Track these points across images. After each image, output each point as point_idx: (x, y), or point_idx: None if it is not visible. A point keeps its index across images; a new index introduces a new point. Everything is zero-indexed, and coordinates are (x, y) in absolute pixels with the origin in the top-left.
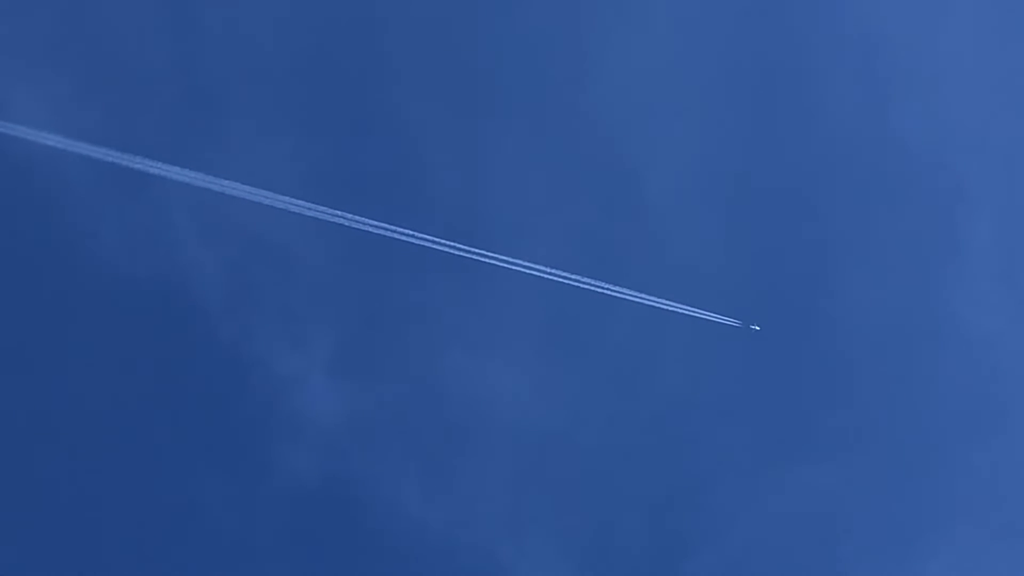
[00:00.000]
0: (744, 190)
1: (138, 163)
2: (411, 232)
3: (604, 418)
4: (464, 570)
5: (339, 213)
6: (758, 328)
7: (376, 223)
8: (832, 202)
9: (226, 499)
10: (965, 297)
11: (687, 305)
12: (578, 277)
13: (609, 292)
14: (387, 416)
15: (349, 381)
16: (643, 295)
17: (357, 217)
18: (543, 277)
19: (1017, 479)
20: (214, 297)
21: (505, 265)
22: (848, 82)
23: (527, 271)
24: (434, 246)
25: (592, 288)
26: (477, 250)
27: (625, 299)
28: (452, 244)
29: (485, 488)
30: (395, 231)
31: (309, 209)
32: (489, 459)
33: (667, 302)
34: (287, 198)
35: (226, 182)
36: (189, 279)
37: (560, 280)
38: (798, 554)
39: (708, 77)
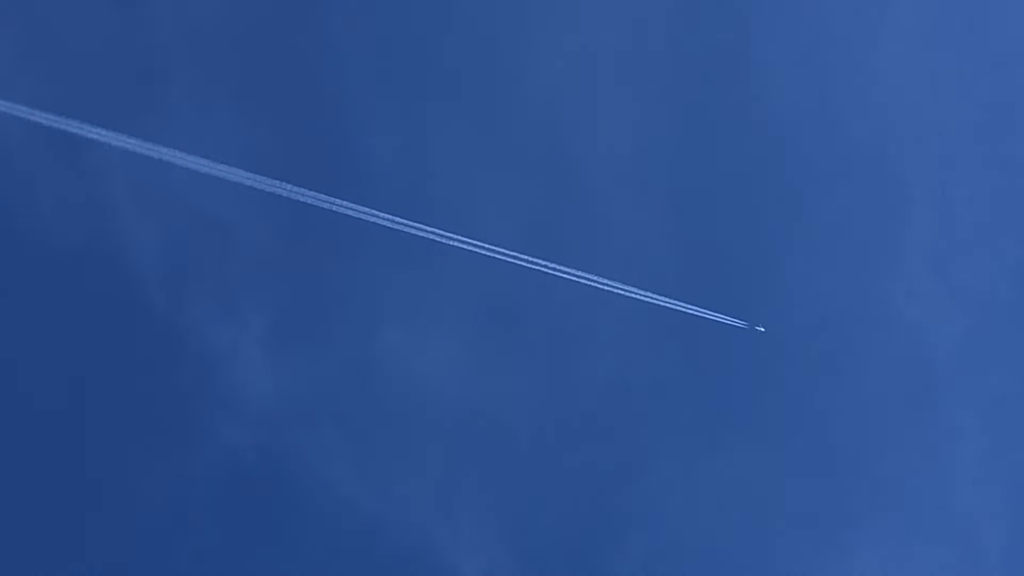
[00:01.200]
0: (685, 177)
1: (75, 128)
2: (351, 205)
3: (540, 398)
4: (395, 547)
5: (279, 184)
6: (763, 329)
7: (316, 195)
8: (772, 191)
9: (156, 470)
10: (901, 288)
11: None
12: (518, 255)
13: (551, 272)
14: (321, 391)
15: (284, 354)
16: (585, 274)
17: (297, 188)
18: (483, 254)
19: (946, 470)
20: (149, 266)
21: (446, 241)
22: (791, 71)
23: (468, 248)
24: (374, 220)
25: (533, 267)
26: (418, 225)
27: (567, 279)
28: (392, 218)
29: (418, 465)
30: (335, 204)
31: (248, 179)
32: (423, 436)
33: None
34: (226, 167)
35: (165, 150)
36: (124, 248)
37: (500, 258)
38: (729, 538)
39: (652, 65)
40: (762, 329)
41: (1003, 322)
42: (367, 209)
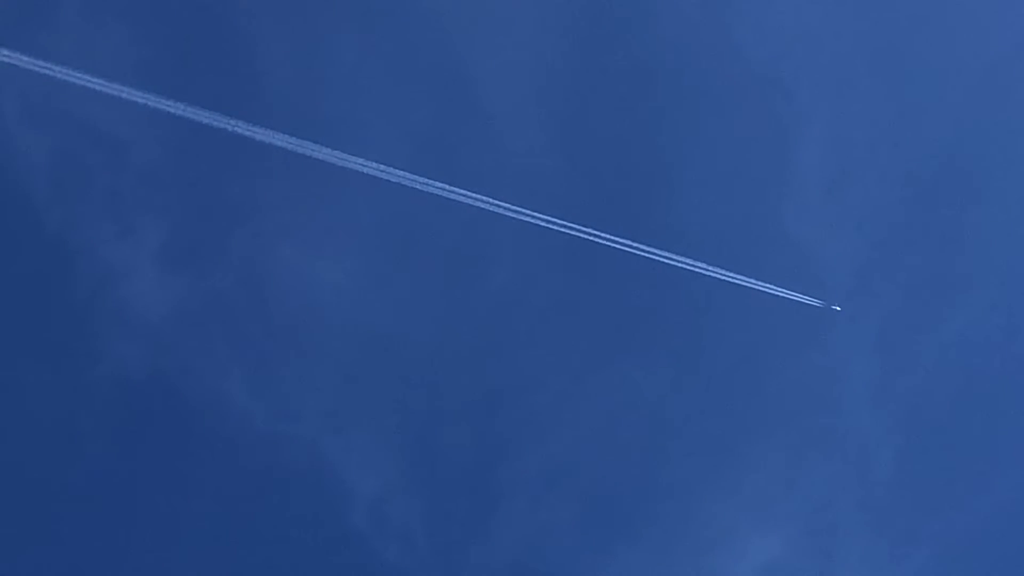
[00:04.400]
0: (580, 98)
1: None
2: (245, 125)
3: (432, 318)
4: (288, 463)
5: (173, 103)
6: (839, 308)
7: (210, 114)
8: (667, 109)
9: (49, 388)
10: (792, 208)
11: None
12: (414, 177)
13: (446, 194)
14: (215, 309)
15: (178, 273)
16: (481, 196)
17: (191, 108)
18: (378, 176)
19: (838, 392)
20: (41, 184)
21: (341, 162)
22: None
23: (362, 169)
24: (268, 140)
25: (429, 189)
26: (313, 145)
27: (463, 202)
28: (287, 138)
29: (311, 384)
30: (229, 124)
31: (142, 98)
32: (316, 355)
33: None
34: (120, 86)
35: (57, 67)
36: (15, 164)
37: (395, 180)
38: (619, 456)
39: None
40: (838, 308)
41: (895, 244)
42: (262, 129)
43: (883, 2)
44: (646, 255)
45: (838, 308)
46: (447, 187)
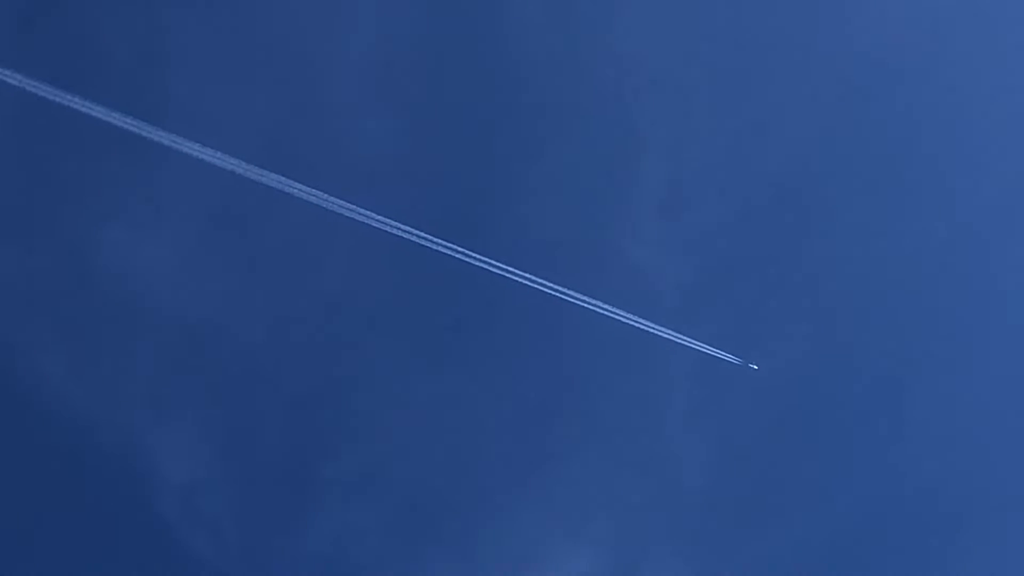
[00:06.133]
0: (424, 101)
1: None
2: (82, 102)
3: (259, 311)
4: (103, 446)
5: (9, 74)
6: (756, 367)
7: (46, 88)
8: (506, 127)
9: None
10: (628, 230)
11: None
12: (251, 167)
13: (284, 187)
14: (36, 286)
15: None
16: (319, 193)
17: (29, 81)
18: (214, 164)
19: (653, 409)
20: None
21: (177, 147)
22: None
23: (199, 156)
24: (105, 118)
25: (266, 182)
26: (149, 127)
27: (301, 197)
28: (123, 119)
29: (130, 368)
30: (66, 100)
31: None
32: (137, 340)
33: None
34: None
35: None
36: None
37: (231, 169)
38: (437, 462)
39: None
40: (755, 367)
41: (725, 269)
42: (98, 106)
43: (726, 28)
44: (477, 263)
45: (755, 367)
46: (284, 180)
